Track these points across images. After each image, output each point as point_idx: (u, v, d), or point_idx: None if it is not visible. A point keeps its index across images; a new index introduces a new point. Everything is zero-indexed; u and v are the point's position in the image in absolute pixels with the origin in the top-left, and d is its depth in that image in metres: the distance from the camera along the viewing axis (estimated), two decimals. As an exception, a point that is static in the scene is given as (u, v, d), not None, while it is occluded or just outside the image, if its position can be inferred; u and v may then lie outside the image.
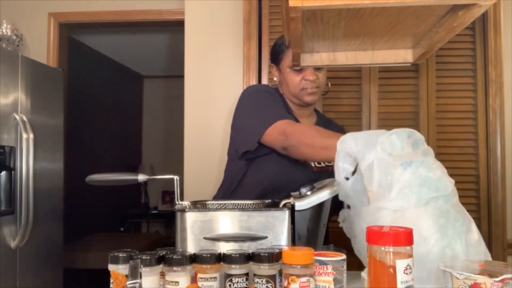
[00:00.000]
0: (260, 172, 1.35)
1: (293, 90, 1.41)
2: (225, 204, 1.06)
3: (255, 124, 1.32)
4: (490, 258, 0.84)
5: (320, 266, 0.73)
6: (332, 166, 0.99)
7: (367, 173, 0.88)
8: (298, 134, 1.17)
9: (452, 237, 0.81)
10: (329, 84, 1.48)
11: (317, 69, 1.39)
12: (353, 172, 0.91)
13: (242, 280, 0.75)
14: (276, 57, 1.45)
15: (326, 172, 1.35)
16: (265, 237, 0.87)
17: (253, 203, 1.07)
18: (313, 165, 1.39)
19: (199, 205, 1.05)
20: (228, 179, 1.46)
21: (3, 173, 2.14)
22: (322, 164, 1.41)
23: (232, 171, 1.45)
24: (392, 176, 0.85)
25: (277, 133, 1.23)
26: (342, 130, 1.62)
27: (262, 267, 0.74)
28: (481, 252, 0.84)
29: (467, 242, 0.82)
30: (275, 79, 1.50)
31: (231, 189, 1.41)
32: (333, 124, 1.62)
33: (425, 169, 0.84)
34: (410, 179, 0.83)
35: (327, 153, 1.03)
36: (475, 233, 0.85)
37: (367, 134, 0.94)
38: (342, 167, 0.92)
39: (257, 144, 1.30)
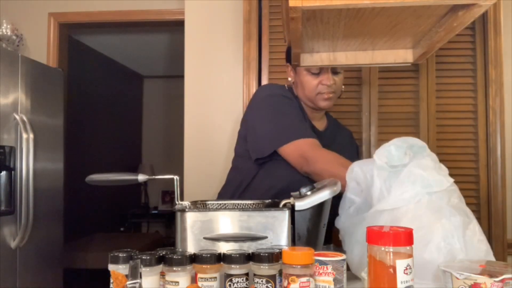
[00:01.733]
0: (273, 175, 1.34)
1: (309, 93, 1.40)
2: (225, 204, 1.06)
3: (273, 133, 1.32)
4: (492, 258, 0.84)
5: (320, 266, 0.73)
6: None
7: (375, 194, 0.92)
8: (320, 163, 1.20)
9: (448, 231, 0.82)
10: (343, 88, 1.47)
11: (335, 73, 1.38)
12: None
13: (242, 280, 0.75)
14: None
15: None
16: (265, 237, 0.87)
17: (253, 203, 1.07)
18: None
19: (199, 205, 1.05)
20: (237, 177, 1.43)
21: (3, 173, 2.14)
22: None
23: (242, 169, 1.42)
24: (390, 181, 0.89)
25: (298, 154, 1.25)
26: (351, 136, 1.61)
27: (262, 267, 0.74)
28: (482, 250, 0.84)
29: (465, 238, 0.82)
30: (289, 79, 1.47)
31: (241, 187, 1.39)
32: (343, 128, 1.60)
33: (417, 168, 0.88)
34: (403, 179, 0.87)
35: None
36: (476, 232, 0.85)
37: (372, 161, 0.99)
38: (349, 198, 0.97)
39: (271, 152, 1.30)
